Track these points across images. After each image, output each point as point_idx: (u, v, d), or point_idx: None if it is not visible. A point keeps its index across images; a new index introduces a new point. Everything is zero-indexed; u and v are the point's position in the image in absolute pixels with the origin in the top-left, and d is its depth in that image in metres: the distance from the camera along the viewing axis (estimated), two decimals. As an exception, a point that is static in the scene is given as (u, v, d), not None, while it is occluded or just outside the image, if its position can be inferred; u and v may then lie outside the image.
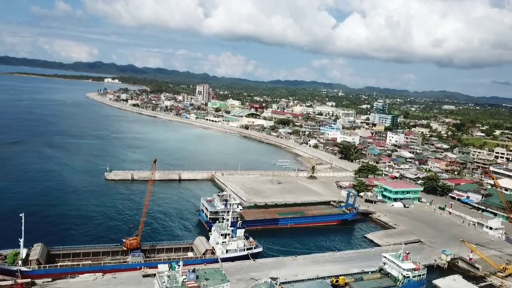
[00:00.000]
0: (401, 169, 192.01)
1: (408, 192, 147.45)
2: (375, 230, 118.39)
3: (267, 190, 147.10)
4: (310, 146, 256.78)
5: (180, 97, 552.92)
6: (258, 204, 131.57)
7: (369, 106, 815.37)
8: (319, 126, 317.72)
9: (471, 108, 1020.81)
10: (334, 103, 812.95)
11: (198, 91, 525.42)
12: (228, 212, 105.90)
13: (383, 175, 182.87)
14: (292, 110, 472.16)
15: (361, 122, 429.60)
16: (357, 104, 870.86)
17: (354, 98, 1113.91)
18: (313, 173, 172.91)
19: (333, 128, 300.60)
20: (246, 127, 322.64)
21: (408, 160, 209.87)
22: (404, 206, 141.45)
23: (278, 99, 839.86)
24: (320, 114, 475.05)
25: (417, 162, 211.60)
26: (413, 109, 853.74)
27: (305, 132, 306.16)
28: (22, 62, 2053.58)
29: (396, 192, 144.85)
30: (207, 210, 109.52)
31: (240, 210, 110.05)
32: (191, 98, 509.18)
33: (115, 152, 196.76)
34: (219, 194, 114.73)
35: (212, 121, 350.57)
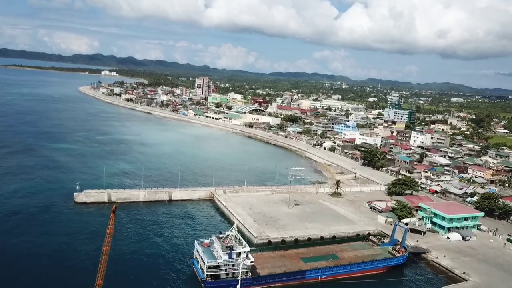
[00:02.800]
0: (441, 181, 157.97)
1: (465, 218, 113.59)
2: (438, 285, 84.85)
3: (283, 216, 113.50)
4: (325, 149, 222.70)
5: (178, 91, 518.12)
6: (273, 240, 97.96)
7: (376, 99, 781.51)
8: (332, 124, 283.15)
9: (480, 100, 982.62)
10: (339, 96, 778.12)
11: (198, 85, 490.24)
12: (234, 265, 73.02)
13: (419, 188, 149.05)
14: (299, 105, 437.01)
15: (374, 118, 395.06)
16: (363, 97, 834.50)
17: (358, 90, 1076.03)
18: (337, 188, 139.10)
19: (349, 127, 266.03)
20: (250, 125, 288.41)
21: (446, 169, 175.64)
22: (463, 238, 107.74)
23: (281, 92, 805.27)
24: (329, 109, 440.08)
25: (456, 171, 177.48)
26: (421, 102, 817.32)
27: (316, 131, 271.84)
28: (21, 55, 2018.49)
29: (451, 220, 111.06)
30: (203, 262, 76.00)
31: (252, 262, 76.34)
32: (190, 92, 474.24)
33: (94, 161, 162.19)
34: (220, 236, 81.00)
35: (212, 118, 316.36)
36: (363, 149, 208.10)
